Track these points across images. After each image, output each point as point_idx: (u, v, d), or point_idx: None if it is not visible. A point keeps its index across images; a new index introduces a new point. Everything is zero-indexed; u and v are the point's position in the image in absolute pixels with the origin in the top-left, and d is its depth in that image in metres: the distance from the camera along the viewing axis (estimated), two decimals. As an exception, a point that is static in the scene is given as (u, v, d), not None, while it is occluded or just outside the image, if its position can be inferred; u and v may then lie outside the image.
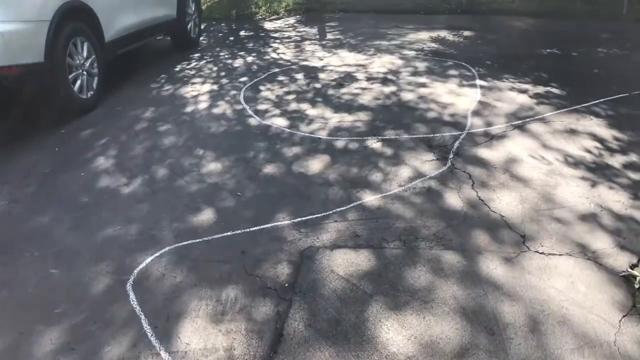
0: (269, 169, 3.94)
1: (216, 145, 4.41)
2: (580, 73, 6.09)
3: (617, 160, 3.90)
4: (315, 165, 3.98)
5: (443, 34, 8.34)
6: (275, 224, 3.23)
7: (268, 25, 9.77)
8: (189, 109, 5.28)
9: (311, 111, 5.10)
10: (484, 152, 4.09)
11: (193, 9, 8.05)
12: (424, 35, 8.28)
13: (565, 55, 6.94)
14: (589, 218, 3.18)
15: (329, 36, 8.66)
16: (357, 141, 4.38)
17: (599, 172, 3.74)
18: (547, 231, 3.05)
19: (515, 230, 3.08)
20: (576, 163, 3.87)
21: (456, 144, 4.25)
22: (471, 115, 4.84)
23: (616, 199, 3.37)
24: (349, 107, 5.17)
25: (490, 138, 4.35)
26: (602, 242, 2.94)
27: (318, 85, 5.89)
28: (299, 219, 3.27)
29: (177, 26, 7.52)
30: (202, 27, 9.57)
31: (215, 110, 5.20)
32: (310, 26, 9.56)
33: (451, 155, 4.06)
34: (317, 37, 8.66)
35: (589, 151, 4.06)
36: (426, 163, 3.95)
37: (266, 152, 4.22)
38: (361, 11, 10.60)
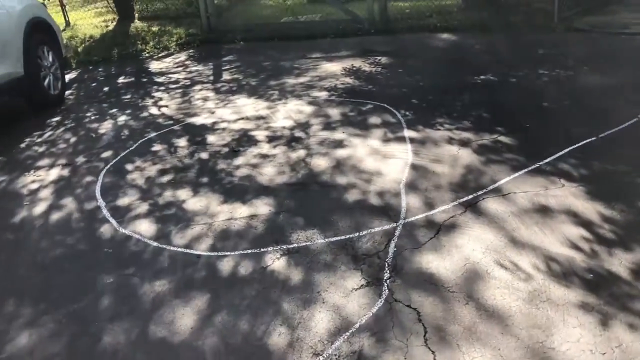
0: (112, 335, 2.52)
1: (41, 288, 2.94)
2: (528, 109, 4.96)
3: (620, 262, 2.72)
4: (186, 318, 2.60)
5: (358, 63, 7.12)
6: None
7: (155, 65, 8.27)
8: (18, 216, 3.75)
9: (191, 202, 3.71)
10: (431, 262, 2.84)
11: (51, 59, 6.42)
12: (336, 66, 7.03)
13: (504, 82, 5.82)
14: (621, 407, 1.96)
15: (225, 76, 7.27)
16: (253, 257, 3.03)
17: (603, 290, 2.54)
18: None
19: None
20: (565, 274, 2.67)
21: (391, 250, 2.98)
22: (405, 191, 3.60)
23: (647, 352, 2.18)
24: (243, 191, 3.81)
25: (437, 231, 3.11)
26: None
27: (205, 156, 4.50)
28: None
29: (27, 85, 5.89)
30: (74, 75, 7.98)
31: (56, 216, 3.70)
32: (204, 63, 8.13)
33: (387, 275, 2.78)
34: (211, 78, 7.26)
35: (576, 247, 2.87)
36: (352, 295, 2.65)
37: (114, 296, 2.80)
38: (264, 39, 9.26)
